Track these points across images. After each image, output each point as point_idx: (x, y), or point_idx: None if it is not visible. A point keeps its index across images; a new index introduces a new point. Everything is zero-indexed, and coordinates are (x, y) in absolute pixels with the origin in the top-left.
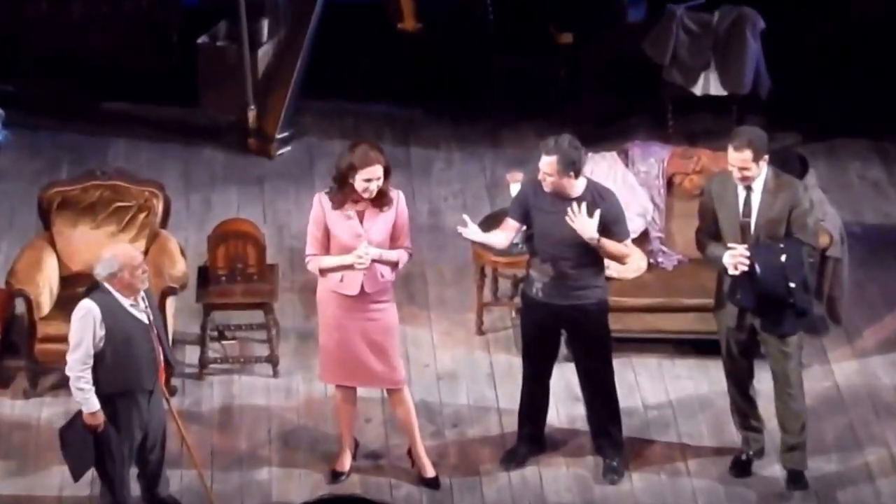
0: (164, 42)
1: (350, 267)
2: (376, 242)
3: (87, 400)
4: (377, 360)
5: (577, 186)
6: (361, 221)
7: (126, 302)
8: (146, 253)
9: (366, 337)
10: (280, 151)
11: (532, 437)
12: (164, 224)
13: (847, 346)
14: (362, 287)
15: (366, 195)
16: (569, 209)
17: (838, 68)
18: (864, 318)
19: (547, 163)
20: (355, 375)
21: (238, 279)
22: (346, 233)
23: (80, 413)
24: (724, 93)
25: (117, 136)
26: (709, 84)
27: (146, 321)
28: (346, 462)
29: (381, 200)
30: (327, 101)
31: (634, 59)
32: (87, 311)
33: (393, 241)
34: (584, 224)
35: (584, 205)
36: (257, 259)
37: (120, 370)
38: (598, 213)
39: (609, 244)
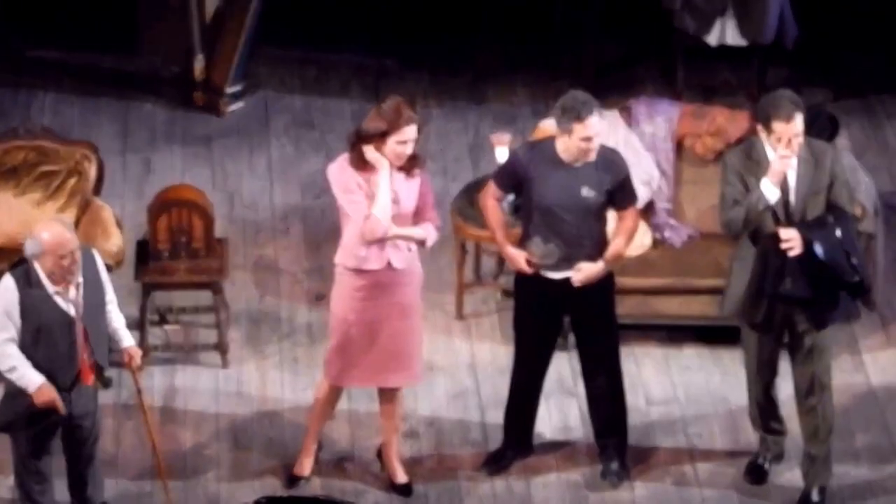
0: None
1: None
2: (409, 212)
3: (23, 377)
4: (399, 352)
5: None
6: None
7: (51, 287)
8: (77, 224)
9: (390, 325)
10: (231, 107)
11: (519, 438)
12: (97, 191)
13: (881, 335)
14: (389, 263)
15: (398, 161)
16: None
17: (873, 15)
18: None
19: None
20: (374, 374)
21: (182, 255)
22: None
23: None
24: (744, 42)
25: (43, 89)
26: (725, 32)
27: (72, 314)
28: (308, 465)
29: (411, 163)
30: (286, 48)
31: (641, 1)
32: (3, 290)
33: (417, 215)
34: (590, 276)
35: (588, 266)
36: (204, 231)
37: (30, 360)
38: (599, 264)
39: (615, 251)
